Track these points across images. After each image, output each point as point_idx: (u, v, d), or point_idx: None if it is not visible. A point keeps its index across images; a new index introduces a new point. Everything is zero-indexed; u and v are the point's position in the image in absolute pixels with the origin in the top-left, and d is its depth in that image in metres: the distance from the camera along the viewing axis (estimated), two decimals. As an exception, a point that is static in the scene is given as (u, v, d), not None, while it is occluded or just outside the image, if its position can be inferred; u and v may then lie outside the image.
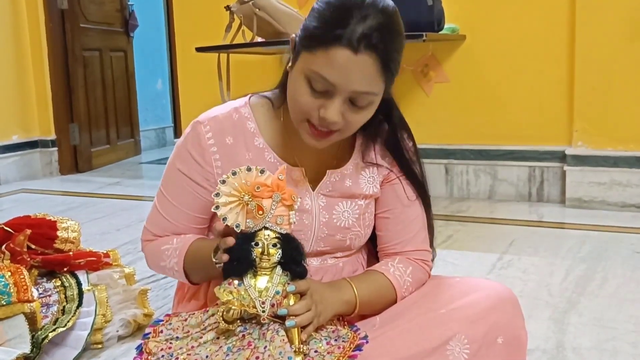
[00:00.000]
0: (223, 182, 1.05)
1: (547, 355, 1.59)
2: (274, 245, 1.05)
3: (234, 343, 1.04)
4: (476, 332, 1.14)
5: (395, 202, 1.29)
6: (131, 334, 1.76)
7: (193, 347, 1.06)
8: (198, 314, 1.12)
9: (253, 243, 1.05)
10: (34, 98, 4.67)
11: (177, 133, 6.07)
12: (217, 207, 1.04)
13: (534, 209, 3.15)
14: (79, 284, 1.72)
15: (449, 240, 2.66)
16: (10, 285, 1.54)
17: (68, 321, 1.60)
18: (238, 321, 1.05)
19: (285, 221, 1.06)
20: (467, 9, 3.31)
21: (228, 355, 1.03)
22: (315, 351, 1.06)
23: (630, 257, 2.34)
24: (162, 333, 1.11)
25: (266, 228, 1.05)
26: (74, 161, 4.84)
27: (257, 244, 1.05)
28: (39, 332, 1.54)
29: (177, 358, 1.05)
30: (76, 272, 1.76)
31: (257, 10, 3.06)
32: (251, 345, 1.03)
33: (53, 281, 1.73)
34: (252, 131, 1.23)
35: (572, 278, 2.14)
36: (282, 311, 1.04)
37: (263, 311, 1.04)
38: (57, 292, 1.70)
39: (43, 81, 4.66)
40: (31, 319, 1.55)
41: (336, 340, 1.09)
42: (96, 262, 1.81)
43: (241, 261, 1.04)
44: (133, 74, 5.59)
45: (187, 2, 4.07)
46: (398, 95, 1.22)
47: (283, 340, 1.02)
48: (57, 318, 1.63)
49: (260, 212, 1.04)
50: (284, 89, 1.18)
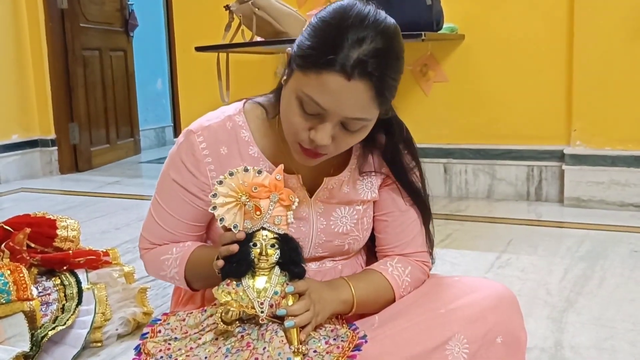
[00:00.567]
0: (220, 183, 1.05)
1: (546, 354, 1.59)
2: (272, 245, 1.05)
3: (233, 344, 1.04)
4: (476, 332, 1.13)
5: (392, 207, 1.28)
6: (130, 333, 1.77)
7: (192, 348, 1.06)
8: (196, 313, 1.12)
9: (251, 244, 1.04)
10: (34, 97, 4.66)
11: (177, 132, 6.07)
12: (215, 208, 1.04)
13: (533, 208, 3.15)
14: (79, 283, 1.72)
15: (448, 239, 2.66)
16: (9, 283, 1.54)
17: (67, 319, 1.60)
18: (237, 322, 1.05)
19: (283, 221, 1.06)
20: (466, 9, 3.31)
21: (227, 356, 1.03)
22: (314, 351, 1.06)
23: (628, 256, 2.34)
24: (160, 333, 1.11)
25: (264, 229, 1.05)
26: (74, 160, 4.84)
27: (256, 245, 1.04)
28: (39, 331, 1.55)
29: (176, 359, 1.05)
30: (76, 271, 1.76)
31: (257, 9, 3.06)
32: (250, 346, 1.03)
33: (52, 280, 1.73)
34: (247, 140, 1.21)
35: (571, 277, 2.14)
36: (281, 312, 1.03)
37: (262, 312, 1.04)
38: (57, 291, 1.70)
39: (43, 81, 4.66)
40: (30, 318, 1.55)
41: (335, 339, 1.09)
42: (96, 261, 1.81)
43: (239, 262, 1.04)
44: (133, 74, 5.59)
45: (187, 2, 4.07)
46: (396, 95, 1.19)
47: (282, 340, 1.02)
48: (57, 316, 1.63)
49: (257, 213, 1.04)
50: (279, 98, 1.14)
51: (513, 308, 1.21)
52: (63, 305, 1.67)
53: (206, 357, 1.04)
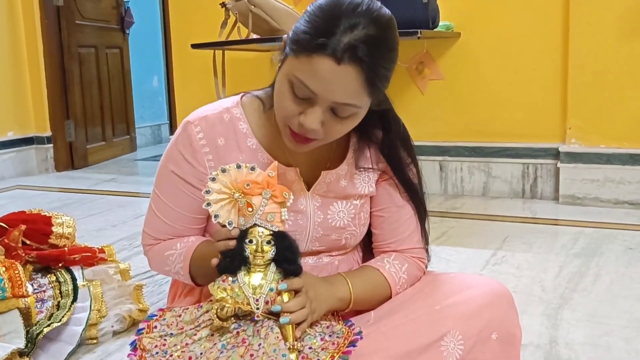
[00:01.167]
0: (213, 180, 1.05)
1: (541, 350, 1.60)
2: (268, 242, 1.05)
3: (228, 340, 1.04)
4: (471, 329, 1.14)
5: (389, 202, 1.28)
6: (126, 330, 1.77)
7: (187, 344, 1.06)
8: (192, 310, 1.12)
9: (247, 240, 1.04)
10: (30, 95, 4.66)
11: (173, 130, 6.04)
12: (209, 204, 1.04)
13: (528, 206, 3.16)
14: (74, 280, 1.72)
15: (443, 236, 2.67)
16: (4, 280, 1.54)
17: (63, 316, 1.60)
18: (232, 318, 1.04)
19: (276, 218, 1.05)
20: (462, 7, 3.31)
21: (222, 352, 1.02)
22: (309, 348, 1.05)
23: (623, 254, 2.35)
24: (156, 329, 1.11)
25: (258, 225, 1.05)
26: (70, 158, 4.83)
27: (252, 241, 1.04)
28: (34, 328, 1.55)
29: (172, 355, 1.05)
30: (71, 268, 1.76)
31: (253, 7, 3.06)
32: (245, 342, 1.02)
33: (48, 277, 1.73)
34: (245, 132, 1.21)
35: (566, 274, 2.15)
36: (276, 307, 1.03)
37: (257, 308, 1.03)
38: (52, 288, 1.69)
39: (39, 78, 4.65)
40: (26, 314, 1.55)
41: (330, 336, 1.09)
42: (91, 258, 1.81)
43: (232, 257, 1.04)
44: (129, 71, 5.58)
45: (183, -1, 4.07)
46: (392, 92, 1.19)
47: (277, 337, 1.02)
48: (52, 313, 1.63)
49: (250, 210, 1.04)
50: None
51: (508, 305, 1.21)
52: (58, 302, 1.67)
53: (201, 353, 1.03)
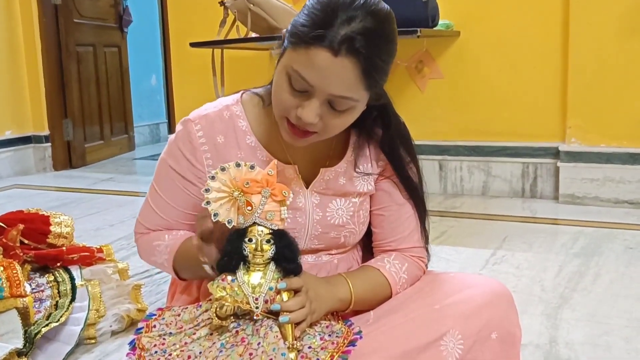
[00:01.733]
0: (212, 178, 1.04)
1: (540, 350, 1.59)
2: (268, 241, 1.04)
3: (228, 339, 1.04)
4: (470, 328, 1.13)
5: (389, 201, 1.28)
6: (124, 329, 1.76)
7: (186, 343, 1.06)
8: (191, 309, 1.12)
9: (247, 239, 1.04)
10: (28, 93, 4.65)
11: (171, 129, 6.04)
12: (208, 203, 1.03)
13: (528, 205, 3.16)
14: (72, 279, 1.72)
15: (443, 236, 2.66)
16: (2, 280, 1.54)
17: (61, 316, 1.60)
18: (231, 317, 1.04)
19: (276, 217, 1.05)
20: (462, 5, 3.31)
21: (221, 351, 1.02)
22: (309, 347, 1.05)
23: (623, 253, 2.35)
24: (155, 328, 1.11)
25: (258, 224, 1.04)
26: (68, 157, 4.83)
27: (251, 240, 1.04)
28: (32, 327, 1.54)
29: (171, 354, 1.05)
30: (69, 267, 1.76)
31: (251, 5, 3.05)
32: (244, 341, 1.02)
33: (46, 276, 1.72)
34: (244, 129, 1.22)
35: (565, 274, 2.14)
36: (275, 306, 1.03)
37: (256, 307, 1.03)
38: (50, 287, 1.69)
39: (36, 77, 4.64)
40: (24, 314, 1.54)
41: (330, 335, 1.09)
42: (89, 257, 1.81)
43: (230, 255, 1.04)
44: (127, 70, 5.57)
45: (181, -3, 4.06)
46: (392, 91, 1.19)
47: (276, 336, 1.01)
48: (50, 313, 1.62)
49: (249, 208, 1.03)
50: None
51: (508, 304, 1.21)
52: (57, 301, 1.66)
53: (201, 352, 1.03)
